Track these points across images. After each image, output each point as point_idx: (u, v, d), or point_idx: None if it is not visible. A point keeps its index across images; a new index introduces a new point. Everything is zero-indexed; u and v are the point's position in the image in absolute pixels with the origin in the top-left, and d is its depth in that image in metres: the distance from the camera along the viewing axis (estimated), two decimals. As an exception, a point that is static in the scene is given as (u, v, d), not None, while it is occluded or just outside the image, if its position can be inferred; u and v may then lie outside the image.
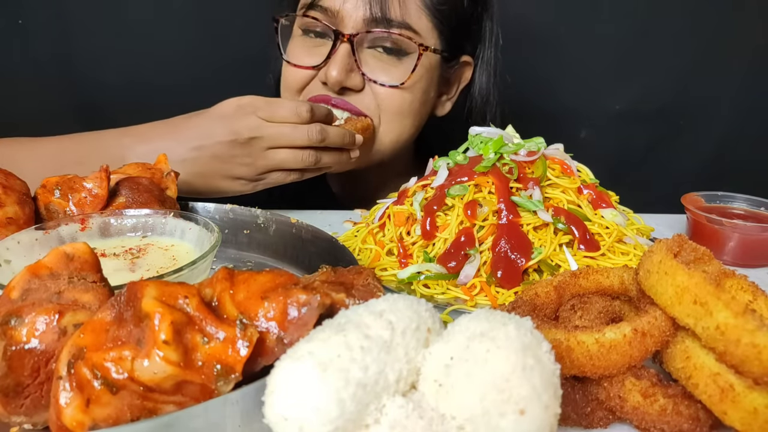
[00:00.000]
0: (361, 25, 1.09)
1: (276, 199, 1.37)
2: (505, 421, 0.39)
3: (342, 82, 1.09)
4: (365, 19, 1.08)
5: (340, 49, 1.09)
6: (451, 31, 1.18)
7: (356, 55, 1.10)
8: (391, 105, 1.15)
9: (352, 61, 1.10)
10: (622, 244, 0.84)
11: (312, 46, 1.15)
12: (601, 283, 0.65)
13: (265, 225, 0.90)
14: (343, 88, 1.11)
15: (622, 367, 0.52)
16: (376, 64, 1.12)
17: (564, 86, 1.93)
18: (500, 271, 0.78)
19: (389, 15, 1.08)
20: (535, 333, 0.43)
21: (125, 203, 0.83)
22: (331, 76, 1.08)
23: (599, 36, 1.87)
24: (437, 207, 0.86)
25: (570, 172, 0.90)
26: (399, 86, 1.13)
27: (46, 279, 0.49)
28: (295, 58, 1.16)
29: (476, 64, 1.28)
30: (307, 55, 1.15)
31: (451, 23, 1.17)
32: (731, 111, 1.96)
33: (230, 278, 0.48)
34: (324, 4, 1.10)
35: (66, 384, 0.41)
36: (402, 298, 0.46)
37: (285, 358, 0.41)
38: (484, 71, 1.28)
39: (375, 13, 1.08)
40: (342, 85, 1.10)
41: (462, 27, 1.21)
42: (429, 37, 1.14)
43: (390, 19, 1.09)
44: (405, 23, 1.10)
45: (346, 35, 1.08)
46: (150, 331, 0.41)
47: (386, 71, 1.13)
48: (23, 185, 0.81)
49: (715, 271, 0.58)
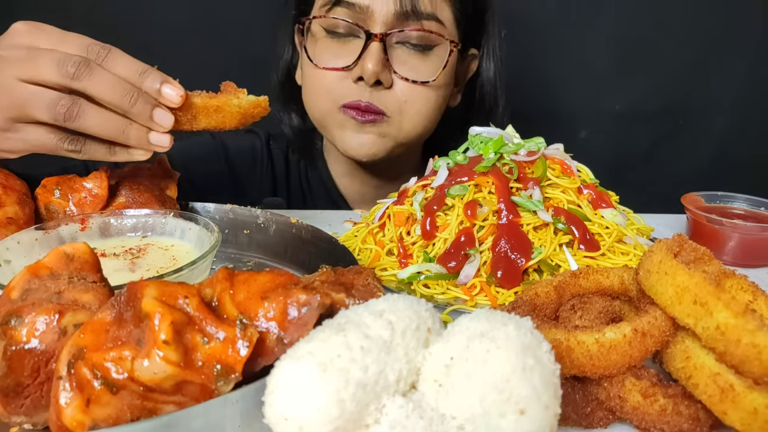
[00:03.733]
0: (392, 20, 1.08)
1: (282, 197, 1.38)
2: (505, 421, 0.39)
3: (378, 73, 1.08)
4: (396, 14, 1.07)
5: (372, 47, 1.07)
6: (466, 22, 1.18)
7: (387, 53, 1.09)
8: (416, 102, 1.14)
9: (384, 58, 1.08)
10: (622, 244, 0.84)
11: (339, 46, 1.12)
12: (601, 283, 0.65)
13: (265, 225, 0.90)
14: (377, 81, 1.10)
15: (622, 367, 0.52)
16: (405, 59, 1.12)
17: (564, 86, 1.93)
18: (500, 271, 0.78)
19: (419, 8, 1.08)
20: (535, 333, 0.43)
21: (125, 203, 0.83)
22: (368, 68, 1.06)
23: (599, 36, 1.87)
24: (437, 207, 0.86)
25: (570, 172, 0.90)
26: (428, 83, 1.12)
27: (46, 279, 0.49)
28: (323, 61, 1.13)
29: (482, 54, 1.29)
30: (334, 57, 1.12)
31: (467, 13, 1.17)
32: (731, 111, 1.96)
33: (230, 278, 0.48)
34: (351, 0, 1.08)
35: (66, 384, 0.41)
36: (402, 298, 0.46)
37: (285, 358, 0.41)
38: (490, 60, 1.29)
39: (405, 6, 1.07)
40: (378, 77, 1.08)
41: (476, 17, 1.21)
42: (452, 29, 1.15)
43: (420, 12, 1.08)
44: (434, 15, 1.10)
45: (378, 34, 1.07)
46: (150, 331, 0.41)
47: (415, 67, 1.12)
48: (23, 185, 0.82)
49: (715, 271, 0.58)
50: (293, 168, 1.41)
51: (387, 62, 1.09)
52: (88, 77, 0.68)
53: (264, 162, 1.38)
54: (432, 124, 1.21)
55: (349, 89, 1.12)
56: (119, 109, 0.69)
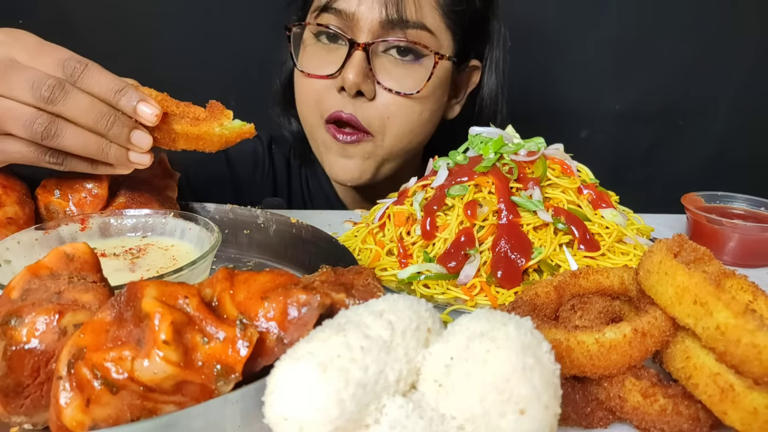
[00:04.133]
0: (377, 28, 1.06)
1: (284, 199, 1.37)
2: (505, 422, 0.39)
3: (359, 84, 1.06)
4: (381, 22, 1.06)
5: (355, 56, 1.06)
6: (463, 33, 1.16)
7: (371, 62, 1.07)
8: (399, 116, 1.11)
9: (366, 68, 1.07)
10: (622, 244, 0.84)
11: (325, 53, 1.11)
12: (601, 283, 0.65)
13: (265, 225, 0.90)
14: (358, 92, 1.08)
15: (622, 367, 0.52)
16: (389, 70, 1.09)
17: (564, 86, 1.93)
18: (500, 271, 0.78)
19: (405, 16, 1.06)
20: (535, 333, 0.43)
21: (125, 203, 0.83)
22: (348, 78, 1.05)
23: (599, 36, 1.87)
24: (437, 207, 0.86)
25: (570, 172, 0.90)
26: (413, 95, 1.10)
27: (46, 279, 0.49)
28: (309, 68, 1.12)
29: (484, 66, 1.26)
30: (321, 64, 1.11)
31: (463, 24, 1.15)
32: (731, 111, 1.96)
33: (230, 278, 0.48)
34: (338, 6, 1.07)
35: (66, 384, 0.41)
36: (402, 298, 0.46)
37: (285, 358, 0.41)
38: (492, 73, 1.26)
39: (391, 14, 1.05)
40: (358, 88, 1.07)
41: (473, 28, 1.19)
42: (443, 39, 1.12)
43: (406, 20, 1.06)
44: (421, 23, 1.07)
45: (361, 44, 1.05)
46: (150, 331, 0.41)
47: (400, 78, 1.09)
48: (23, 185, 0.82)
49: (715, 271, 0.58)
50: (294, 172, 1.41)
51: (370, 72, 1.07)
52: (63, 101, 0.67)
53: (265, 165, 1.38)
54: (420, 137, 1.19)
55: (334, 100, 1.11)
56: (96, 132, 0.69)
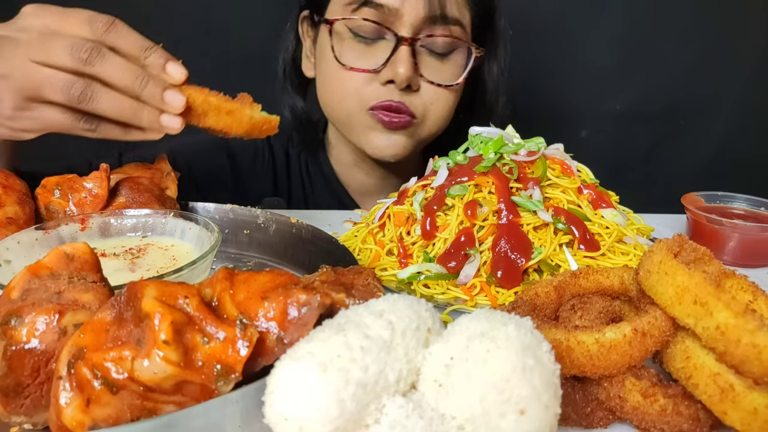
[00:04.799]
0: (420, 23, 1.08)
1: (284, 197, 1.38)
2: (505, 422, 0.39)
3: (411, 78, 1.09)
4: (425, 17, 1.07)
5: (402, 51, 1.07)
6: (479, 24, 1.19)
7: (416, 57, 1.10)
8: (440, 104, 1.16)
9: (413, 62, 1.09)
10: (622, 244, 0.84)
11: (365, 48, 1.12)
12: (601, 283, 0.65)
13: (265, 225, 0.90)
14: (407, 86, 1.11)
15: (622, 367, 0.52)
16: (429, 63, 1.13)
17: (564, 86, 1.93)
18: (500, 271, 0.78)
19: (447, 13, 1.09)
20: (535, 333, 0.43)
21: (125, 203, 0.83)
22: (400, 73, 1.07)
23: (600, 36, 1.87)
24: (437, 207, 0.86)
25: (570, 172, 0.90)
26: (451, 86, 1.15)
27: (46, 279, 0.49)
28: (349, 61, 1.12)
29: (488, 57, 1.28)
30: (361, 58, 1.12)
31: (480, 15, 1.18)
32: (732, 111, 1.96)
33: (230, 278, 0.48)
34: (381, 1, 1.07)
35: (66, 384, 0.41)
36: (402, 298, 0.46)
37: (285, 358, 0.41)
38: (494, 61, 1.29)
39: (435, 10, 1.07)
40: (410, 82, 1.09)
41: (485, 18, 1.22)
42: (470, 32, 1.16)
43: (448, 17, 1.09)
44: (459, 20, 1.11)
45: (408, 38, 1.07)
46: (150, 331, 0.41)
47: (439, 71, 1.14)
48: (23, 185, 0.82)
49: (715, 271, 0.58)
50: (294, 161, 1.42)
51: (416, 66, 1.10)
52: (100, 62, 0.69)
53: (265, 156, 1.39)
54: (448, 123, 1.23)
55: (377, 90, 1.12)
56: (131, 92, 0.70)
